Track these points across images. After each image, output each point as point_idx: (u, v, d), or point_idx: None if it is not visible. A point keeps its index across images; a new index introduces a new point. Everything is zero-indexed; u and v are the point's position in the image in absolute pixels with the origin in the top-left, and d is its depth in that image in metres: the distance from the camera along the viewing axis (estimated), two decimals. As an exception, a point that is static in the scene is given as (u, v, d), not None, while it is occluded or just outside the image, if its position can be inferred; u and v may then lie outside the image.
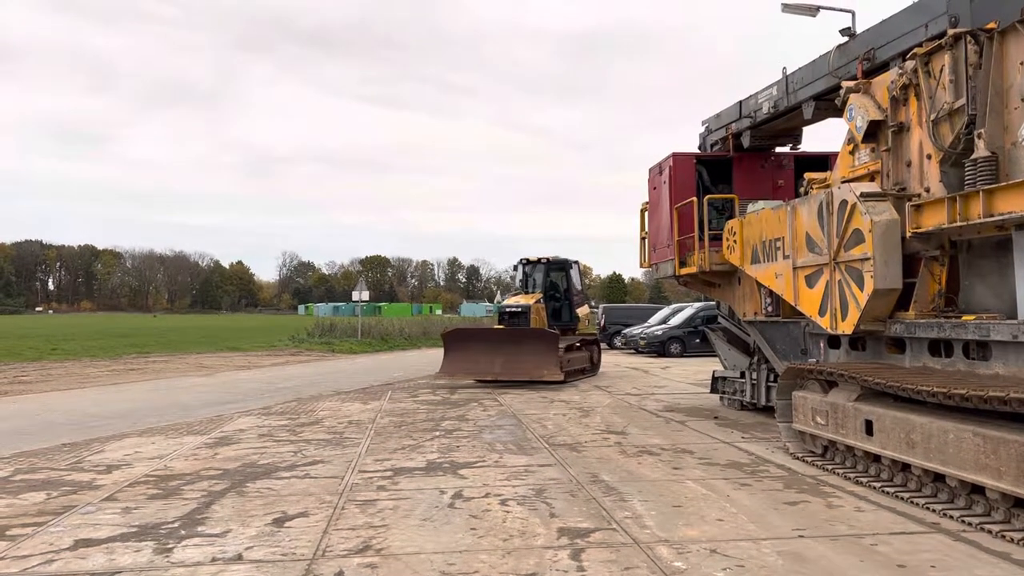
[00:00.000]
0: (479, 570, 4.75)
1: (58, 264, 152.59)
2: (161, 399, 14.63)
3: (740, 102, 11.75)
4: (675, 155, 12.25)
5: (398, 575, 4.68)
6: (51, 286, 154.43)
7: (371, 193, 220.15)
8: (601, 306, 38.26)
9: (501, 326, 17.74)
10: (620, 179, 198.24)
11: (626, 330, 30.60)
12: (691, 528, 5.63)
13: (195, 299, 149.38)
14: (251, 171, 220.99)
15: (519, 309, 17.71)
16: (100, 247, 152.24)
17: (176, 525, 5.83)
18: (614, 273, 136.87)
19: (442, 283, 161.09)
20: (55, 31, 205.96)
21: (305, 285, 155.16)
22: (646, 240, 13.82)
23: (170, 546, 5.30)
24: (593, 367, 19.18)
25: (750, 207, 10.52)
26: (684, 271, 12.06)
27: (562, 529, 5.63)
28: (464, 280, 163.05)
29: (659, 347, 26.96)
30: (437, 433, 10.25)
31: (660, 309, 33.77)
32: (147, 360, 25.72)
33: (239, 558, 5.04)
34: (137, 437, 10.07)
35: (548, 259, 19.16)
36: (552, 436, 9.89)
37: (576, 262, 19.87)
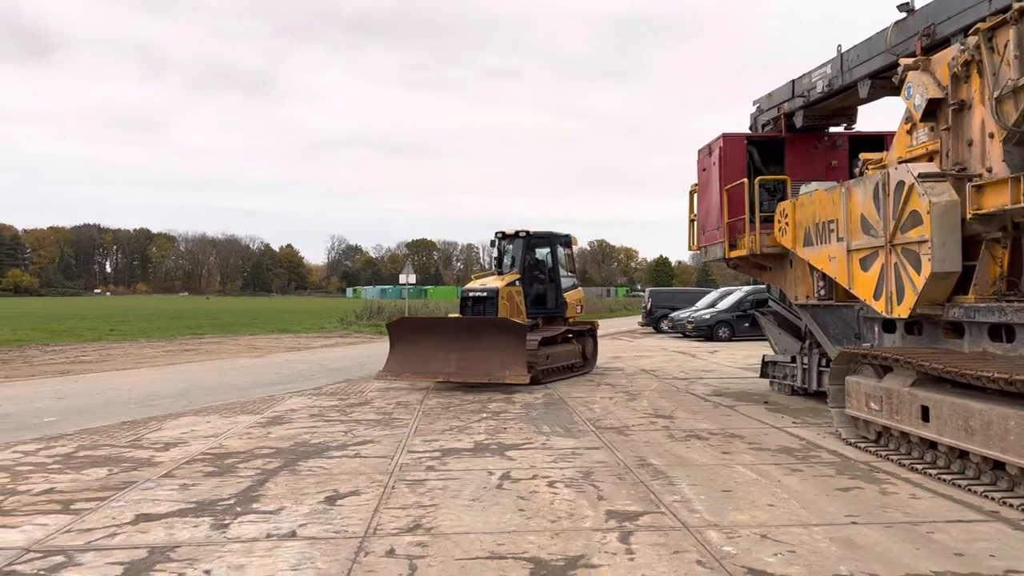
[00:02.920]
0: (528, 551, 4.78)
1: (115, 247, 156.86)
2: (215, 379, 14.97)
3: (793, 81, 11.50)
4: (725, 136, 12.06)
5: (448, 554, 4.73)
6: (108, 269, 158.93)
7: (417, 177, 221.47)
8: (647, 290, 37.98)
9: (457, 315, 14.77)
10: (666, 161, 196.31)
11: (673, 314, 30.36)
12: (741, 513, 5.59)
13: (246, 282, 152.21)
14: (299, 156, 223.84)
15: (484, 294, 14.21)
16: (155, 231, 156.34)
17: (232, 502, 5.97)
18: (661, 256, 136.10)
19: (487, 266, 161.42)
20: (109, 22, 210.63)
21: (353, 268, 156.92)
22: (695, 222, 13.65)
23: (226, 522, 5.44)
24: (586, 362, 16.00)
25: (803, 188, 10.32)
26: (734, 254, 11.89)
27: (610, 512, 5.63)
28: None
29: (707, 331, 26.70)
30: (484, 415, 10.31)
31: (708, 293, 33.41)
32: (201, 341, 26.33)
33: (293, 535, 5.15)
34: (193, 416, 10.32)
35: (528, 232, 15.43)
36: (599, 419, 9.88)
37: (568, 237, 16.36)
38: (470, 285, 14.85)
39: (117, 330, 31.28)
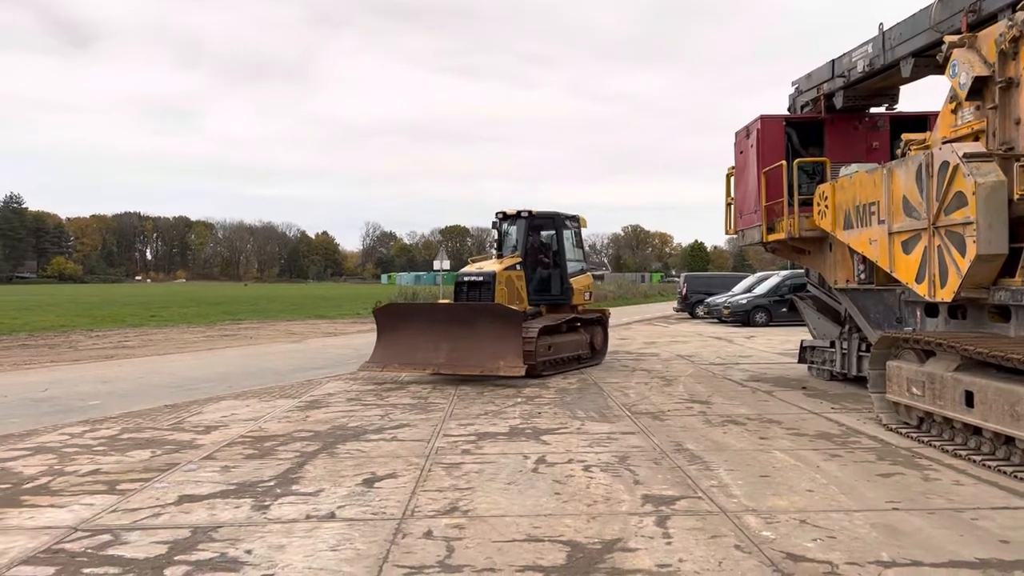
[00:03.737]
0: (564, 534, 4.79)
1: (155, 235, 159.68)
2: (254, 364, 15.19)
3: (833, 61, 11.27)
4: (763, 117, 11.87)
5: (484, 536, 4.76)
6: (148, 256, 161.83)
7: (450, 163, 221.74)
8: (683, 275, 37.67)
9: (445, 300, 13.41)
10: (702, 145, 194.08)
11: (709, 299, 30.11)
12: (779, 498, 5.53)
13: (283, 268, 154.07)
14: (334, 143, 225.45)
15: (480, 279, 13.19)
16: (193, 218, 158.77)
17: (272, 484, 6.06)
18: (696, 241, 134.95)
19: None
20: (146, 11, 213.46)
21: (387, 255, 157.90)
22: (732, 206, 13.48)
23: (267, 503, 5.53)
24: (594, 354, 14.74)
25: (843, 170, 10.14)
26: (772, 237, 11.73)
27: (647, 496, 5.62)
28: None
29: (743, 316, 26.44)
30: (519, 399, 10.33)
31: (744, 277, 33.07)
32: (239, 327, 26.72)
33: (332, 516, 5.22)
34: (232, 400, 10.49)
35: (531, 212, 14.29)
36: (634, 404, 9.85)
37: (576, 218, 15.17)
38: (466, 269, 13.85)
39: (158, 316, 31.87)
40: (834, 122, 11.73)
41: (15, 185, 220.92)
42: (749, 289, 28.75)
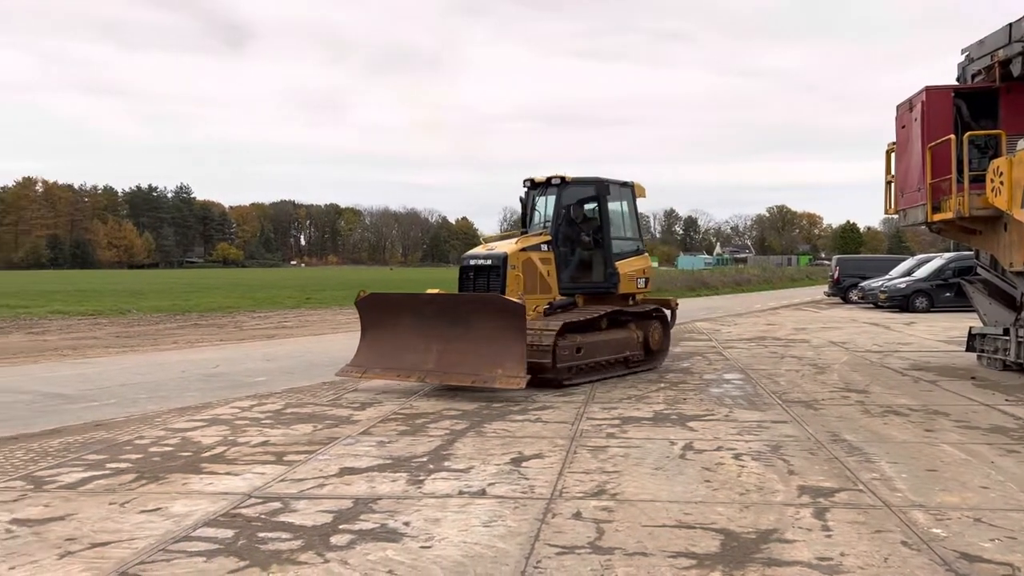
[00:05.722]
0: (716, 522, 4.70)
1: (308, 222, 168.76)
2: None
3: (1010, 25, 10.34)
4: (928, 89, 11.08)
5: (634, 520, 4.74)
6: (302, 242, 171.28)
7: (586, 147, 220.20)
8: (834, 257, 35.92)
9: (435, 290, 10.92)
10: (853, 121, 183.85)
11: (863, 283, 28.58)
12: (949, 494, 5.20)
13: (425, 253, 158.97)
14: (472, 130, 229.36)
15: (488, 262, 10.37)
16: (343, 205, 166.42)
17: (425, 459, 6.29)
18: (847, 222, 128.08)
19: (658, 235, 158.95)
20: (296, 10, 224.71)
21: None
22: (892, 184, 12.69)
23: (421, 478, 5.74)
24: (648, 356, 11.70)
25: (1020, 144, 9.33)
26: (938, 217, 10.96)
27: (802, 487, 5.42)
28: (681, 232, 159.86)
29: (902, 301, 24.90)
30: (662, 385, 10.20)
31: (902, 260, 31.12)
32: (387, 309, 27.75)
33: (483, 493, 5.35)
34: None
35: (563, 178, 11.10)
36: (785, 392, 9.50)
37: (628, 184, 11.95)
38: (473, 251, 11.04)
39: (313, 299, 33.63)
40: (1010, 91, 10.78)
41: (184, 177, 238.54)
42: (908, 272, 27.02)
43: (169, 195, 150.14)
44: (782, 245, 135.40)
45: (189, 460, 6.35)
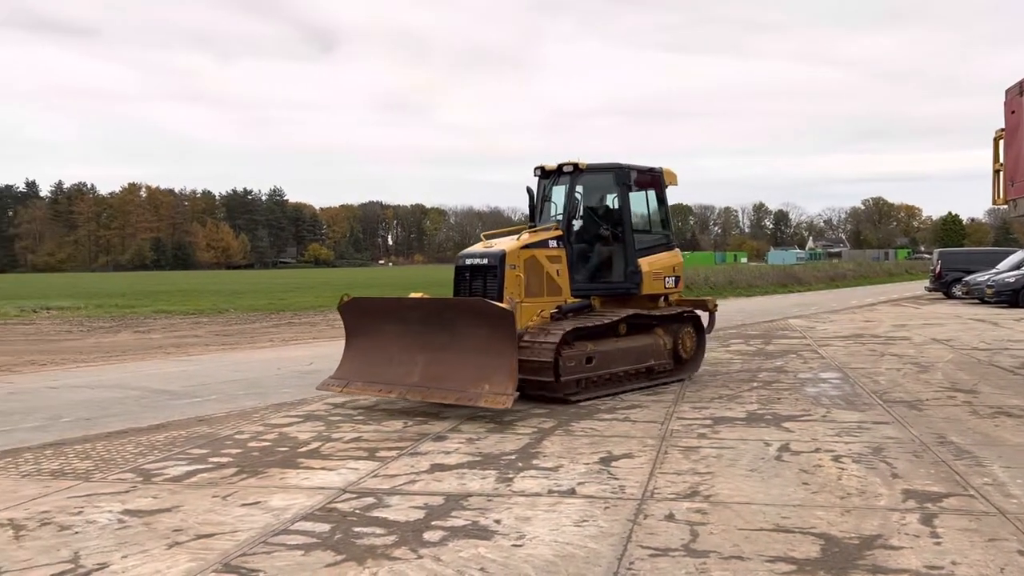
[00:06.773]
0: (816, 526, 4.54)
1: (395, 222, 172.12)
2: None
3: None
4: (1041, 71, 10.43)
5: (729, 523, 4.62)
6: (390, 241, 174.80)
7: (669, 141, 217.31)
8: (936, 250, 34.33)
9: (419, 294, 9.98)
10: (953, 108, 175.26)
11: (968, 277, 27.20)
12: (1071, 502, 4.88)
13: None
14: (553, 127, 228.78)
15: (483, 261, 9.24)
16: (428, 205, 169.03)
17: (513, 457, 6.30)
18: (949, 214, 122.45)
19: (747, 230, 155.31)
20: (381, 14, 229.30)
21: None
22: (1001, 173, 12.01)
23: (510, 476, 5.75)
24: (678, 365, 10.41)
25: None
26: (1052, 207, 10.32)
27: (907, 491, 5.18)
28: (771, 226, 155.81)
29: (1011, 296, 23.58)
30: (755, 384, 9.94)
31: (1010, 253, 29.46)
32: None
33: (572, 492, 5.32)
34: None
35: (576, 165, 9.99)
36: (886, 392, 9.12)
37: (654, 171, 10.80)
38: (470, 249, 9.81)
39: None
40: None
41: (277, 179, 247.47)
42: (1018, 265, 25.57)
43: (263, 197, 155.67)
44: (878, 239, 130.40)
45: (286, 455, 6.54)
